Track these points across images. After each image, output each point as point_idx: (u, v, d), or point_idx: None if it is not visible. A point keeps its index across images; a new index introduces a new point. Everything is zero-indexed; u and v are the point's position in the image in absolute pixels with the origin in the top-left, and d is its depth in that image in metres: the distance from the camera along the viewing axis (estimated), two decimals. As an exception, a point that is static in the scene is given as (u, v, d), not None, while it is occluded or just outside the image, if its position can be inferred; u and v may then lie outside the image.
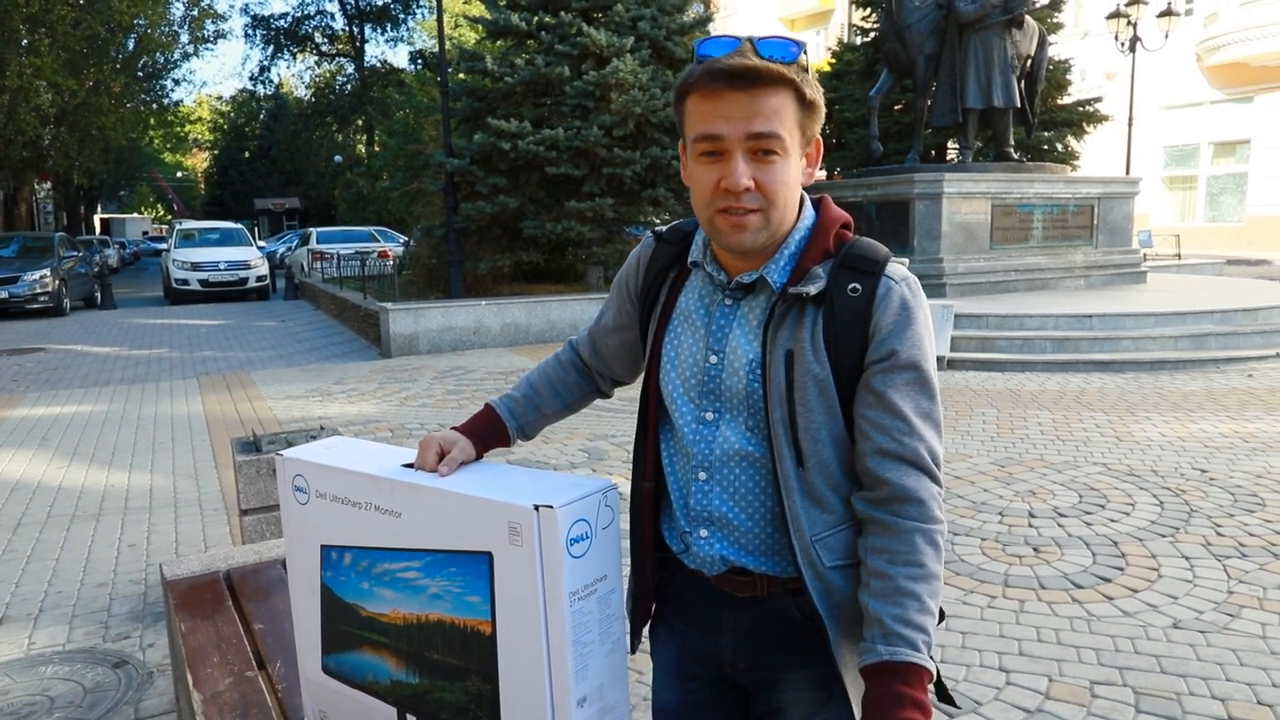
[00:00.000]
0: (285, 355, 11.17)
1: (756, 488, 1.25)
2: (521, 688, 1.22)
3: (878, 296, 1.18)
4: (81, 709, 2.92)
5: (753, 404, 1.23)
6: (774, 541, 1.26)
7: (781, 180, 1.17)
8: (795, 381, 1.18)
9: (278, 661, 1.85)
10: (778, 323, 1.20)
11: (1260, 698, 2.79)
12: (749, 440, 1.24)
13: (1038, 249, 11.59)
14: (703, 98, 1.15)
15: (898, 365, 1.17)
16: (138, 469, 5.89)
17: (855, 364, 1.18)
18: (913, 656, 1.09)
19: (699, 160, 1.19)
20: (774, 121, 1.13)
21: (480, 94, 13.32)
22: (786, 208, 1.20)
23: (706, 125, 1.15)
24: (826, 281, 1.19)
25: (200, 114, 51.43)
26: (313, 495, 1.44)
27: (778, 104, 1.14)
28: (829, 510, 1.22)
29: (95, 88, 22.42)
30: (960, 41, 11.62)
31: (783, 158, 1.16)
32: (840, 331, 1.18)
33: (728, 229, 1.18)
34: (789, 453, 1.19)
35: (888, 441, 1.17)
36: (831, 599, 1.22)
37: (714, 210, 1.19)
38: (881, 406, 1.17)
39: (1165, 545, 4.07)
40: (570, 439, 6.21)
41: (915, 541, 1.14)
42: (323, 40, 41.68)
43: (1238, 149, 23.52)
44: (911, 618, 1.11)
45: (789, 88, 1.14)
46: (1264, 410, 6.64)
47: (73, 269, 17.84)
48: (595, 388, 1.59)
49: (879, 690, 1.10)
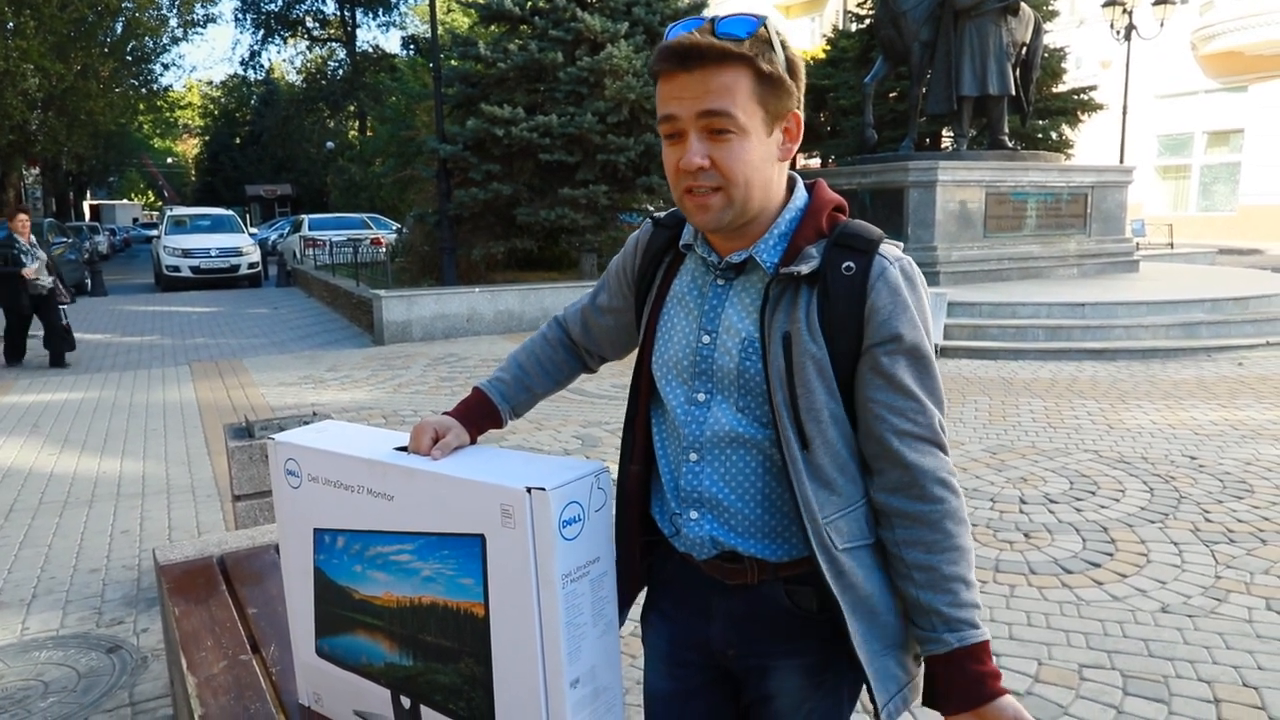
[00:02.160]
0: (278, 342, 11.14)
1: (748, 469, 1.25)
2: (514, 669, 1.23)
3: (872, 275, 1.18)
4: (76, 693, 2.92)
5: (744, 384, 1.23)
6: (766, 524, 1.26)
7: (738, 158, 1.15)
8: (794, 363, 1.18)
9: (272, 645, 1.85)
10: (773, 305, 1.20)
11: (1246, 680, 2.82)
12: (740, 422, 1.24)
13: (1031, 237, 11.60)
14: (662, 80, 1.17)
15: (903, 348, 1.18)
16: (130, 455, 5.87)
17: (851, 343, 1.19)
18: (977, 635, 1.16)
19: (666, 143, 1.21)
20: (724, 99, 1.12)
21: (473, 80, 13.25)
22: (749, 185, 1.18)
23: (664, 106, 1.17)
24: (820, 261, 1.19)
25: (190, 99, 51.04)
26: (305, 479, 1.44)
27: (729, 81, 1.12)
28: (837, 492, 1.22)
29: (83, 72, 22.19)
30: (956, 28, 11.59)
31: (739, 135, 1.14)
32: (835, 310, 1.18)
33: (693, 209, 1.20)
34: (794, 436, 1.19)
35: (904, 422, 1.18)
36: (844, 580, 1.22)
37: (680, 191, 1.20)
38: (892, 388, 1.19)
39: (1154, 531, 4.10)
40: (564, 425, 6.22)
41: (947, 527, 1.19)
42: (314, 25, 41.38)
43: (1231, 138, 23.55)
44: (964, 599, 1.17)
45: (742, 64, 1.12)
46: (1254, 398, 6.67)
47: (62, 255, 17.74)
48: (583, 364, 1.60)
49: (957, 675, 1.15)
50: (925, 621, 1.18)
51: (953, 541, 1.18)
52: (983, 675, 1.13)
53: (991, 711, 1.12)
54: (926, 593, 1.18)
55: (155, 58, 28.88)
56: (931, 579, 1.17)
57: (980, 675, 1.13)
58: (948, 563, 1.17)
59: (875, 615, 1.24)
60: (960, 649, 1.15)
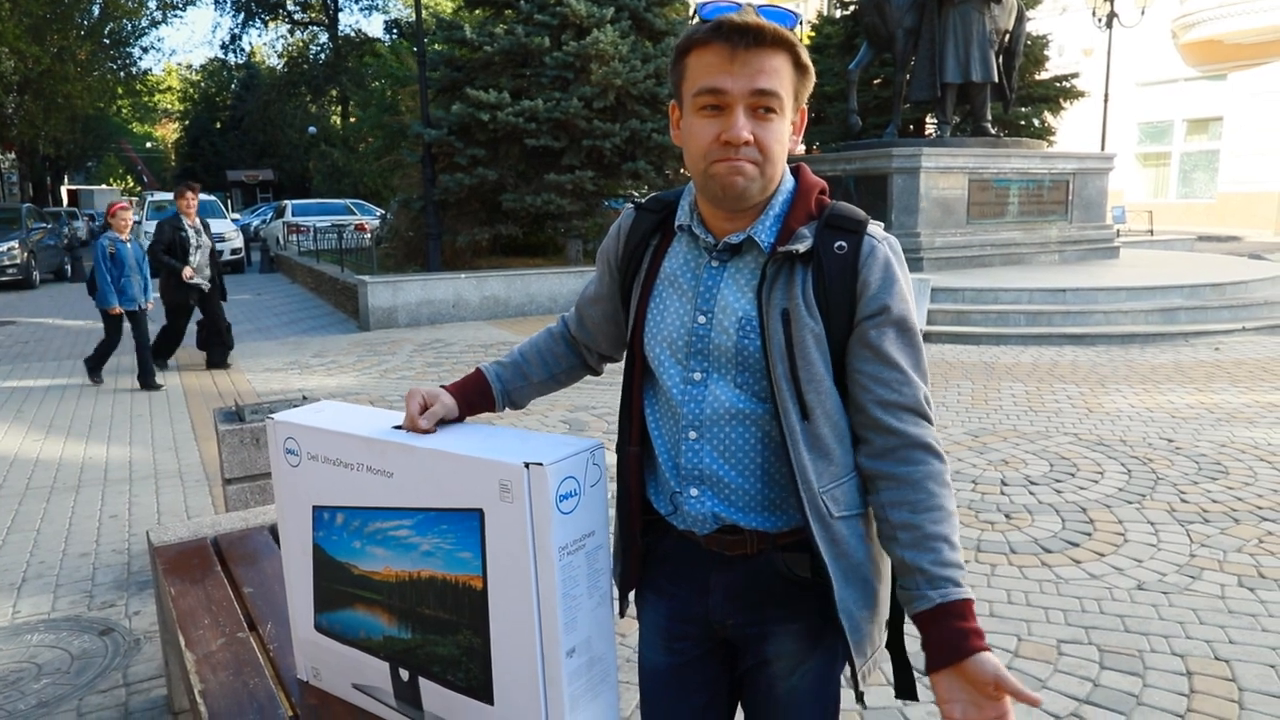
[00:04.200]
0: (262, 328, 11.09)
1: (747, 445, 1.29)
2: (512, 640, 1.26)
3: (863, 254, 1.24)
4: (70, 674, 2.94)
5: (742, 361, 1.27)
6: (765, 497, 1.30)
7: (777, 138, 1.22)
8: (794, 338, 1.23)
9: (268, 623, 1.88)
10: (770, 284, 1.25)
11: (1218, 654, 2.90)
12: (740, 398, 1.28)
13: (1013, 224, 11.69)
14: (708, 53, 1.20)
15: (890, 320, 1.24)
16: (116, 441, 5.86)
17: (844, 318, 1.24)
18: (959, 593, 1.18)
19: (699, 114, 1.23)
20: (775, 80, 1.19)
21: (458, 64, 13.18)
22: (777, 165, 1.25)
23: (710, 79, 1.20)
24: (813, 240, 1.25)
25: (170, 83, 50.38)
26: (304, 457, 1.47)
27: (778, 65, 1.20)
28: (834, 461, 1.27)
29: (60, 54, 21.90)
30: (939, 16, 11.63)
31: (779, 116, 1.21)
32: (830, 287, 1.23)
33: (725, 171, 1.22)
34: (794, 407, 1.24)
35: (888, 393, 1.23)
36: (837, 549, 1.27)
37: (709, 161, 1.23)
38: (879, 360, 1.24)
39: (1131, 511, 4.18)
40: (552, 410, 6.25)
41: (930, 488, 1.22)
42: (295, 8, 40.85)
43: (1210, 126, 23.74)
44: (947, 558, 1.19)
45: (789, 51, 1.20)
46: (1229, 382, 6.79)
47: (41, 241, 17.56)
48: (582, 361, 1.62)
49: (941, 631, 1.17)
50: (910, 581, 1.21)
51: (936, 501, 1.22)
52: (964, 631, 1.15)
53: (972, 666, 1.13)
54: (911, 551, 1.20)
55: (134, 41, 28.55)
56: (915, 538, 1.21)
57: (962, 631, 1.15)
58: (931, 522, 1.21)
59: (865, 583, 1.29)
60: (943, 605, 1.17)
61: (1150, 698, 2.66)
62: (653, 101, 12.61)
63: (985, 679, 1.12)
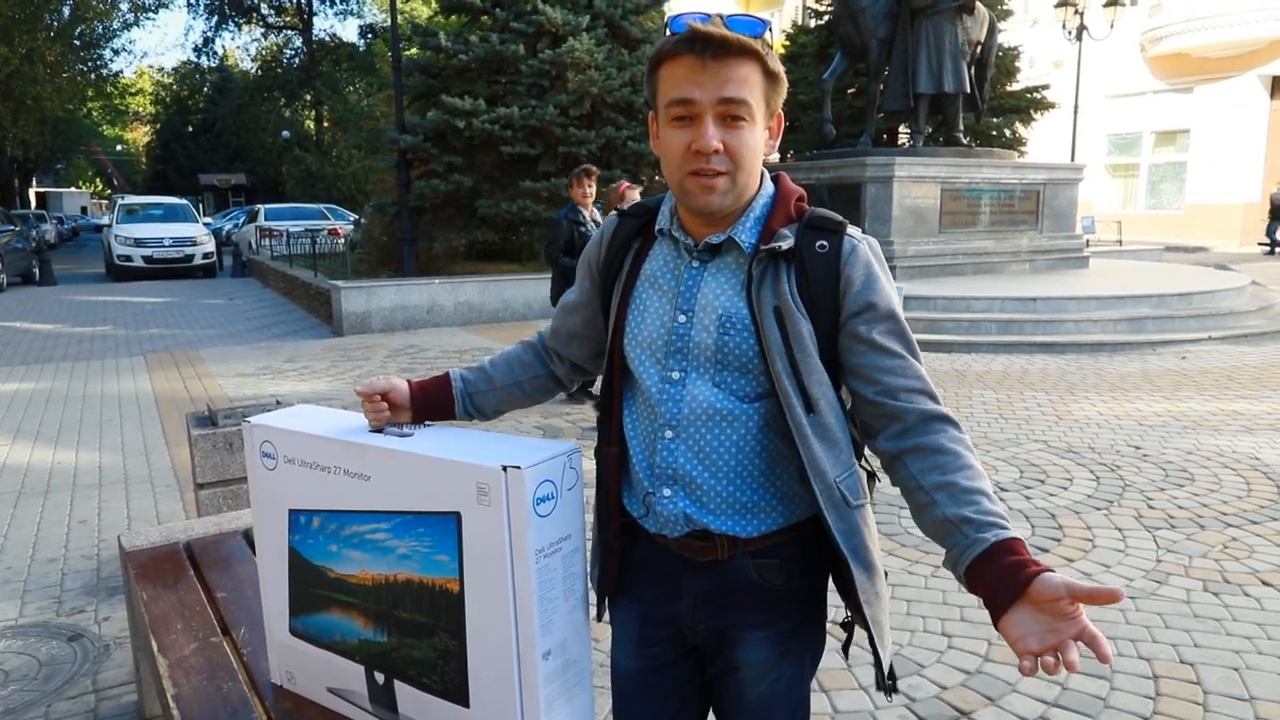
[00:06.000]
0: (234, 333, 10.99)
1: (723, 446, 1.30)
2: (488, 642, 1.27)
3: (844, 252, 1.28)
4: (38, 681, 2.90)
5: (723, 359, 1.29)
6: (737, 500, 1.31)
7: (748, 145, 1.25)
8: (789, 333, 1.25)
9: (242, 628, 1.87)
10: (758, 284, 1.28)
11: (1183, 657, 2.95)
12: (719, 397, 1.30)
13: (985, 233, 11.84)
14: (678, 65, 1.23)
15: (879, 315, 1.27)
16: (85, 446, 5.78)
17: (829, 315, 1.27)
18: (1008, 533, 1.13)
19: (672, 125, 1.26)
20: (743, 89, 1.22)
21: (434, 70, 13.16)
22: (750, 173, 1.28)
23: (680, 90, 1.23)
24: (795, 240, 1.28)
25: (141, 86, 49.83)
26: (281, 461, 1.47)
27: (746, 73, 1.23)
28: (842, 450, 1.29)
29: (29, 55, 21.63)
30: (913, 26, 11.77)
31: (749, 124, 1.24)
32: (813, 285, 1.27)
33: (698, 190, 1.26)
34: (798, 401, 1.26)
35: (894, 379, 1.26)
36: (854, 539, 1.29)
37: (685, 173, 1.26)
38: (877, 351, 1.27)
39: (1100, 518, 4.25)
40: (526, 416, 6.25)
41: (958, 450, 1.22)
42: (269, 11, 40.55)
43: (1178, 138, 24.17)
44: (988, 507, 1.17)
45: (756, 60, 1.23)
46: (1195, 390, 6.91)
47: (9, 244, 17.27)
48: (549, 371, 1.62)
49: (999, 571, 1.10)
50: (957, 535, 1.16)
51: (966, 461, 1.21)
52: (1022, 562, 1.10)
53: (1038, 587, 1.06)
54: (951, 507, 1.17)
55: (105, 43, 28.23)
56: (953, 494, 1.18)
57: (1019, 563, 1.10)
58: (965, 478, 1.19)
59: (876, 571, 1.32)
60: (996, 544, 1.12)
61: (1117, 700, 2.70)
62: (628, 109, 12.65)
63: (1056, 594, 1.04)
